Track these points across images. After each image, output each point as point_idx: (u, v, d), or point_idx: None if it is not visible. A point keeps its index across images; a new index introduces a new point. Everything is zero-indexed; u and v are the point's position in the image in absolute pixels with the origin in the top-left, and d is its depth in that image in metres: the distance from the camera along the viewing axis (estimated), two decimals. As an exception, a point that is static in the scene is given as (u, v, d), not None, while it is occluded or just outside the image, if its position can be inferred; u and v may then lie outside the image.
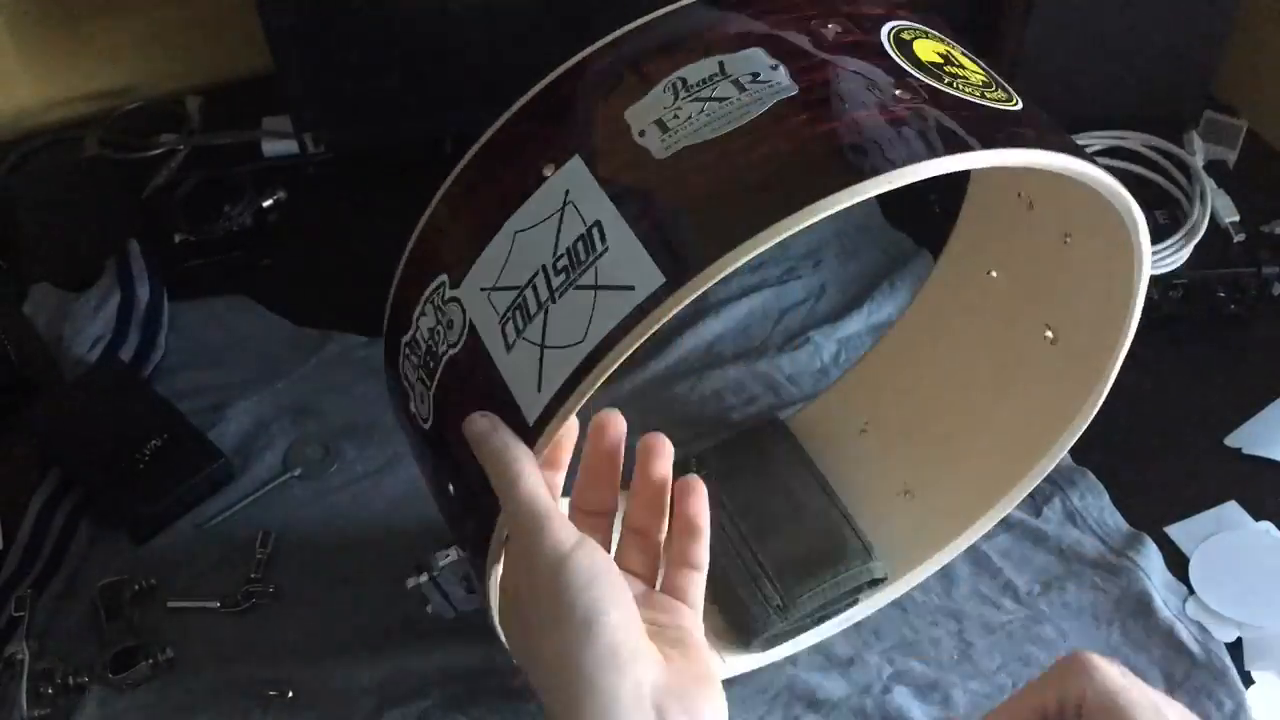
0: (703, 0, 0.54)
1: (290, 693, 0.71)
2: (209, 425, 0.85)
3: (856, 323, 0.93)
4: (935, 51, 0.53)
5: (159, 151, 1.08)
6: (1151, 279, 0.89)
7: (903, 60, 0.51)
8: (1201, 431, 0.85)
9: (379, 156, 1.05)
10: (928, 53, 0.52)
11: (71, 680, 0.72)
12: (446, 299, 0.53)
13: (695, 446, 0.80)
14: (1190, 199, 0.96)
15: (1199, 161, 0.99)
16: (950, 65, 0.52)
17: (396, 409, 0.59)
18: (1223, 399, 0.87)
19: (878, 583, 0.73)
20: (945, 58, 0.53)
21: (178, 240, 1.00)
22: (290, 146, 1.07)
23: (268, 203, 1.03)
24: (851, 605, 0.73)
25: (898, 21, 0.54)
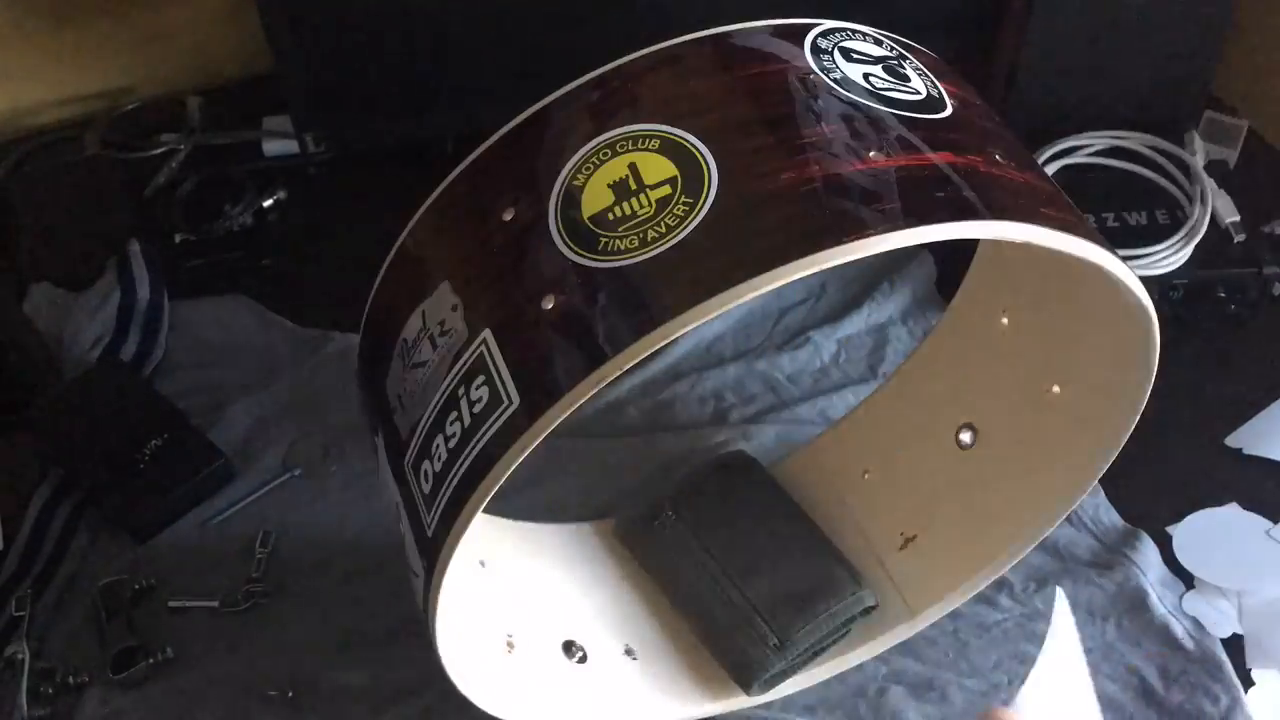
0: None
1: (290, 692, 0.71)
2: (209, 425, 0.85)
3: (856, 323, 0.93)
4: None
5: (159, 151, 1.08)
6: (1152, 279, 0.90)
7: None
8: (1202, 431, 0.85)
9: (379, 156, 1.05)
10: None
11: (71, 680, 0.72)
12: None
13: (666, 487, 0.78)
14: (1190, 199, 0.96)
15: (1199, 161, 0.99)
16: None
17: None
18: (1223, 399, 0.87)
19: (869, 610, 0.72)
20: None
21: (178, 240, 1.00)
22: (290, 146, 1.07)
23: (268, 203, 1.04)
24: (844, 636, 0.72)
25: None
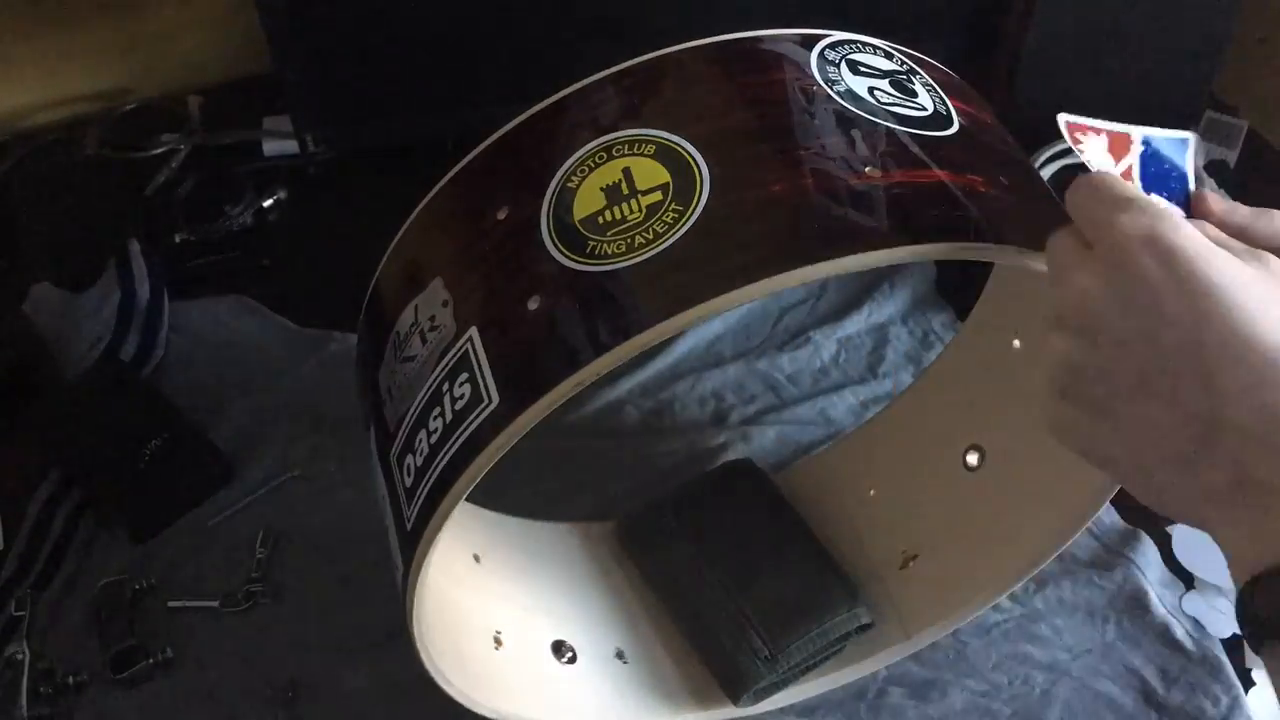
0: None
1: (290, 693, 0.72)
2: (209, 425, 0.85)
3: (856, 323, 0.93)
4: None
5: (159, 151, 1.08)
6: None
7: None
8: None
9: (379, 156, 1.05)
10: None
11: (71, 680, 0.72)
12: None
13: (665, 488, 0.79)
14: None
15: (1199, 161, 0.99)
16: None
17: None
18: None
19: (865, 629, 0.71)
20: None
21: (178, 240, 1.00)
22: (290, 146, 1.07)
23: (268, 203, 1.04)
24: (839, 652, 0.72)
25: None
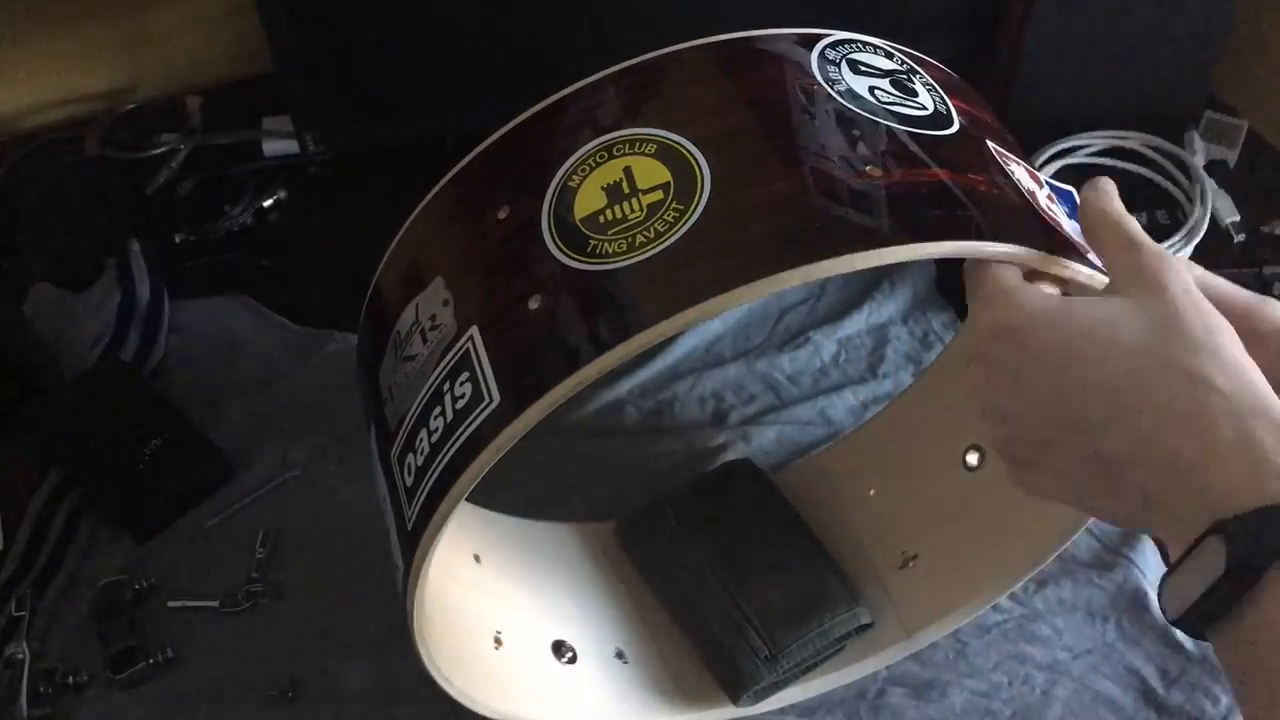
0: None
1: (290, 693, 0.72)
2: (209, 425, 0.85)
3: (856, 323, 0.93)
4: None
5: (159, 151, 1.08)
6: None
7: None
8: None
9: (379, 156, 1.04)
10: None
11: (71, 680, 0.72)
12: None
13: (665, 488, 0.79)
14: (1190, 199, 0.96)
15: (1199, 161, 0.99)
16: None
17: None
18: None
19: (865, 628, 0.72)
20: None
21: (178, 240, 1.00)
22: (290, 146, 1.06)
23: (268, 203, 1.04)
24: (839, 652, 0.72)
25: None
